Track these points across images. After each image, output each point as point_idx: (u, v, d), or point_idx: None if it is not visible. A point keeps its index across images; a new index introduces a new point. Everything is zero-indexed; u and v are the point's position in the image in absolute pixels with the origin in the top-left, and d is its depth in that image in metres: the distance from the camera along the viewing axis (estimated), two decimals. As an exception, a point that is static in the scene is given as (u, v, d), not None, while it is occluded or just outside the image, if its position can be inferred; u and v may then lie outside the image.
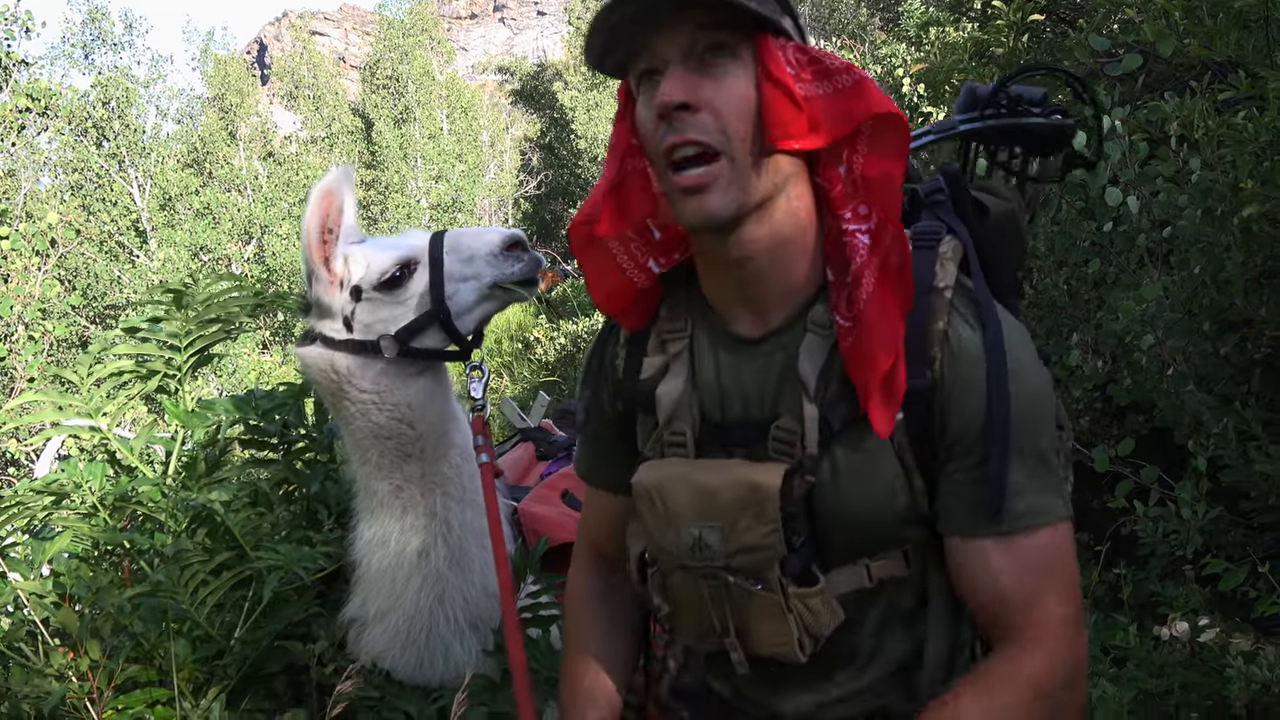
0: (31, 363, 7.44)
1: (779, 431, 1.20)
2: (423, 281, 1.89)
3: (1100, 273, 3.37)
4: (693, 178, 1.11)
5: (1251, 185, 2.54)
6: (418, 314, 1.88)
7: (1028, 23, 4.68)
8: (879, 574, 1.22)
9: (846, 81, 1.14)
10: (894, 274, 1.14)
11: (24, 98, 9.49)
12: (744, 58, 1.13)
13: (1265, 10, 2.84)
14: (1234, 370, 2.85)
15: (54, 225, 8.78)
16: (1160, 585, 2.87)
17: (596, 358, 1.41)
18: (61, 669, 1.94)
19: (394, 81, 23.60)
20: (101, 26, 16.26)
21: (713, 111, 1.11)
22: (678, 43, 1.11)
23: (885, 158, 1.15)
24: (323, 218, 1.86)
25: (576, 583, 1.52)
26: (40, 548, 2.09)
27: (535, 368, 11.81)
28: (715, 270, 1.23)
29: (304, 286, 1.95)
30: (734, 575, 1.20)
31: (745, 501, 1.17)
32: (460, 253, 1.92)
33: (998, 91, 1.49)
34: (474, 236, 1.96)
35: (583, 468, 1.50)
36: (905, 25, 8.78)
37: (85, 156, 15.10)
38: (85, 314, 13.06)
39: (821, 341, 1.18)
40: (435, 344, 1.91)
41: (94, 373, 2.30)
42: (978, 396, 1.13)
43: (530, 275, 1.95)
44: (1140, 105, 3.24)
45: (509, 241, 1.94)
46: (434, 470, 1.94)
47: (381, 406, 1.89)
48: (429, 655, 1.96)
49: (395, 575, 1.93)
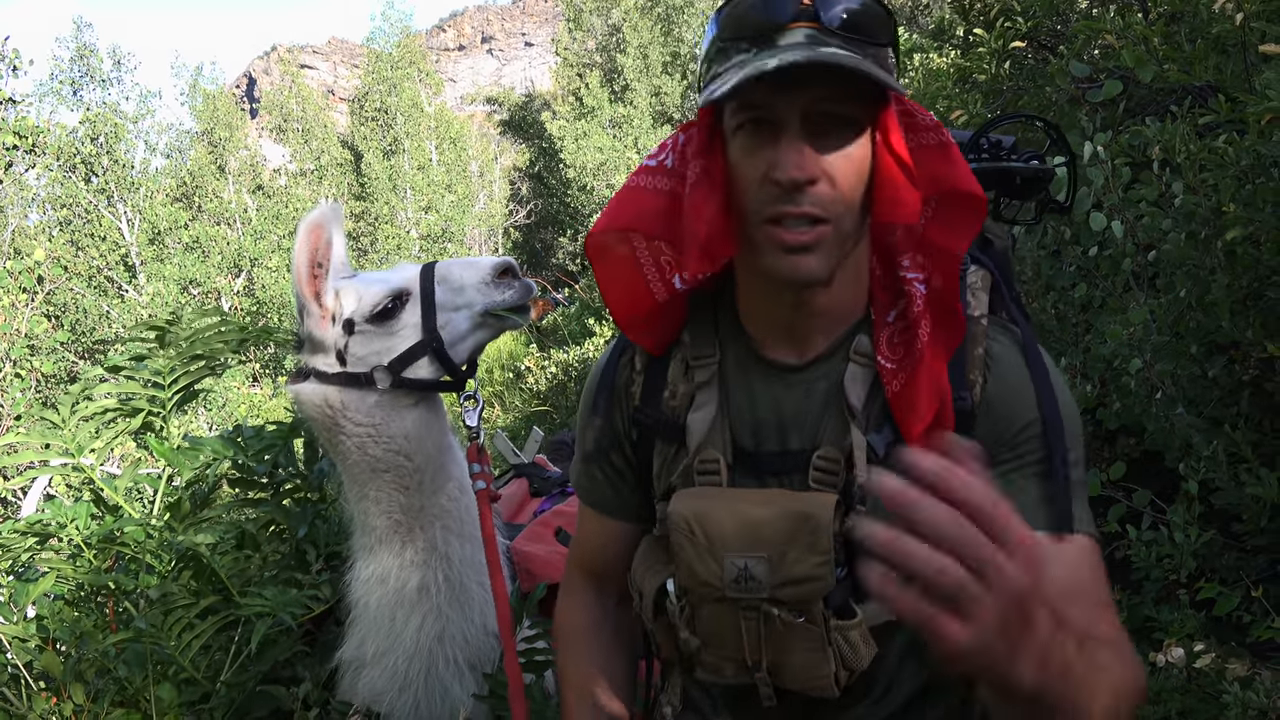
0: (19, 400, 7.39)
1: (822, 461, 1.19)
2: (415, 312, 1.89)
3: (1087, 297, 3.38)
4: (799, 238, 1.09)
5: (1234, 208, 2.56)
6: (411, 344, 1.88)
7: (1009, 50, 4.73)
8: None
9: (932, 140, 1.14)
10: (947, 320, 1.15)
11: (11, 135, 9.49)
12: (865, 124, 1.11)
13: (1242, 36, 2.87)
14: (1222, 392, 2.85)
15: (41, 262, 8.76)
16: (1155, 610, 2.85)
17: (607, 384, 1.39)
18: (45, 714, 1.90)
19: (383, 114, 23.70)
20: (90, 63, 16.30)
21: (830, 182, 1.09)
22: (799, 105, 1.08)
23: (955, 233, 1.15)
24: (311, 252, 1.86)
25: (571, 612, 1.50)
26: (24, 590, 2.06)
27: (527, 397, 11.78)
28: (767, 301, 1.23)
29: (295, 322, 1.94)
30: (778, 607, 1.18)
31: (796, 532, 1.15)
32: (451, 282, 1.92)
33: (978, 138, 1.51)
34: (464, 266, 1.96)
35: (588, 494, 1.47)
36: (889, 53, 8.86)
37: (74, 192, 15.10)
38: (74, 349, 13.00)
39: (865, 372, 1.19)
40: (429, 375, 1.90)
41: (77, 411, 2.28)
42: (1028, 401, 1.15)
43: (521, 302, 1.95)
44: (1122, 130, 3.27)
45: (499, 269, 1.94)
46: (432, 503, 1.93)
47: (378, 439, 1.88)
48: (426, 697, 1.93)
49: (395, 613, 1.91)
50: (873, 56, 1.09)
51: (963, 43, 5.82)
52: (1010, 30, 4.72)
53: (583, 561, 1.51)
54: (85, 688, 1.90)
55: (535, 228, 24.45)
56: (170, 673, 1.95)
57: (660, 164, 1.27)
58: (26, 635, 2.02)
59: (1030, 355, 1.18)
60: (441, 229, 22.18)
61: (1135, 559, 2.77)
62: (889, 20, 1.11)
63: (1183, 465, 2.77)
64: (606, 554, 1.45)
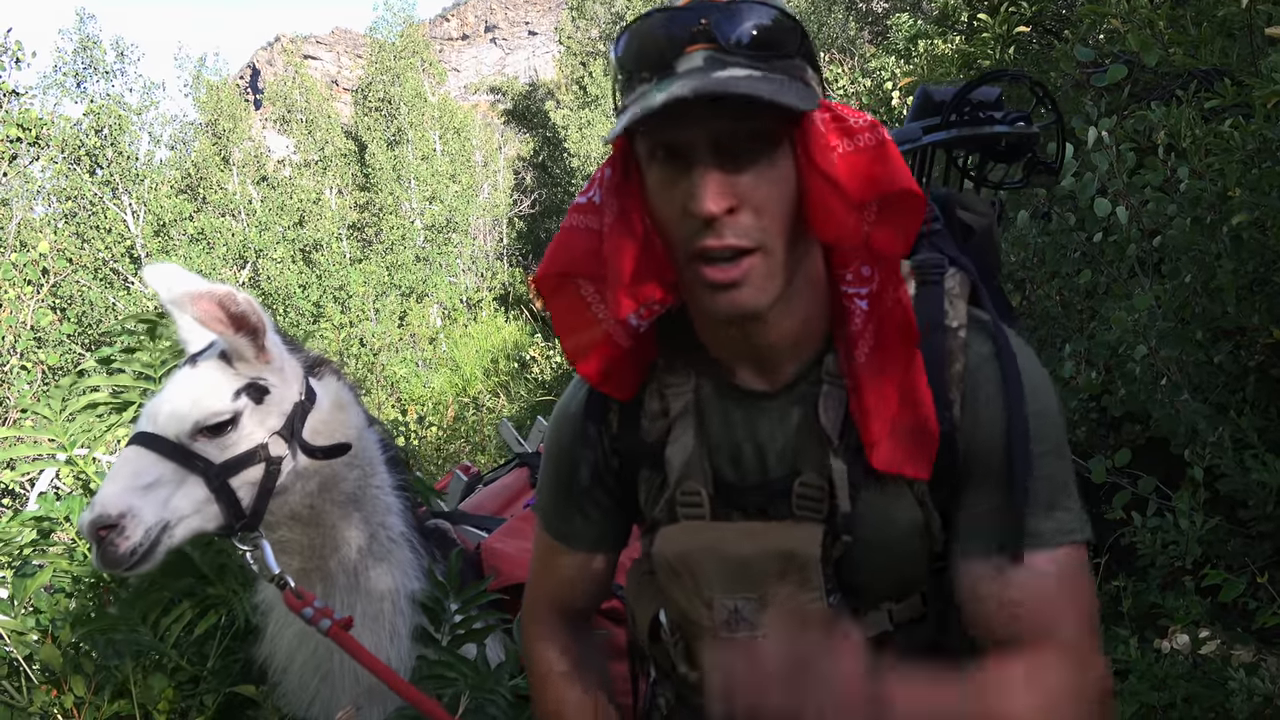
0: (25, 392, 7.41)
1: (803, 489, 1.15)
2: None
3: (1092, 283, 3.36)
4: (726, 274, 1.02)
5: (1240, 193, 2.53)
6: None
7: (1014, 35, 4.70)
8: (899, 617, 1.19)
9: (869, 140, 1.06)
10: (894, 333, 1.09)
11: (15, 128, 9.49)
12: (783, 141, 1.03)
13: (1249, 18, 2.84)
14: (1228, 378, 2.83)
15: (45, 254, 8.77)
16: (1161, 597, 2.84)
17: (592, 422, 1.29)
18: (45, 706, 1.91)
19: (386, 104, 23.64)
20: (93, 55, 16.27)
21: (753, 209, 1.01)
22: (710, 129, 1.00)
23: (896, 235, 1.08)
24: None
25: (549, 652, 1.41)
26: (22, 584, 2.06)
27: (532, 387, 11.80)
28: (719, 334, 1.17)
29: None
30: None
31: (785, 571, 1.12)
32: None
33: (959, 98, 1.44)
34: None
35: (559, 529, 1.38)
36: (894, 38, 8.82)
37: (78, 184, 15.10)
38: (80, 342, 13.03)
39: (839, 392, 1.13)
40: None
41: (68, 405, 2.28)
42: (1000, 426, 1.10)
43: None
44: (1127, 115, 3.24)
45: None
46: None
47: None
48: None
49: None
50: (782, 70, 1.02)
51: (967, 28, 5.78)
52: (1015, 15, 4.69)
53: (552, 594, 1.42)
54: (85, 680, 1.90)
55: (540, 217, 24.39)
56: (161, 661, 1.96)
57: (590, 201, 1.19)
58: (25, 629, 2.02)
59: (1004, 361, 1.11)
60: (446, 219, 22.13)
61: (1140, 545, 2.76)
62: (795, 30, 1.03)
63: (1188, 451, 2.75)
64: (576, 587, 1.39)
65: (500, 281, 23.02)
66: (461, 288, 21.43)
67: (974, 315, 1.16)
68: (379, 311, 17.50)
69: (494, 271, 23.75)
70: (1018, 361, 1.11)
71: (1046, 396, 1.13)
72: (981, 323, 1.15)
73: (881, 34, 11.76)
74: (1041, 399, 1.12)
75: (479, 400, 11.67)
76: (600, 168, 1.20)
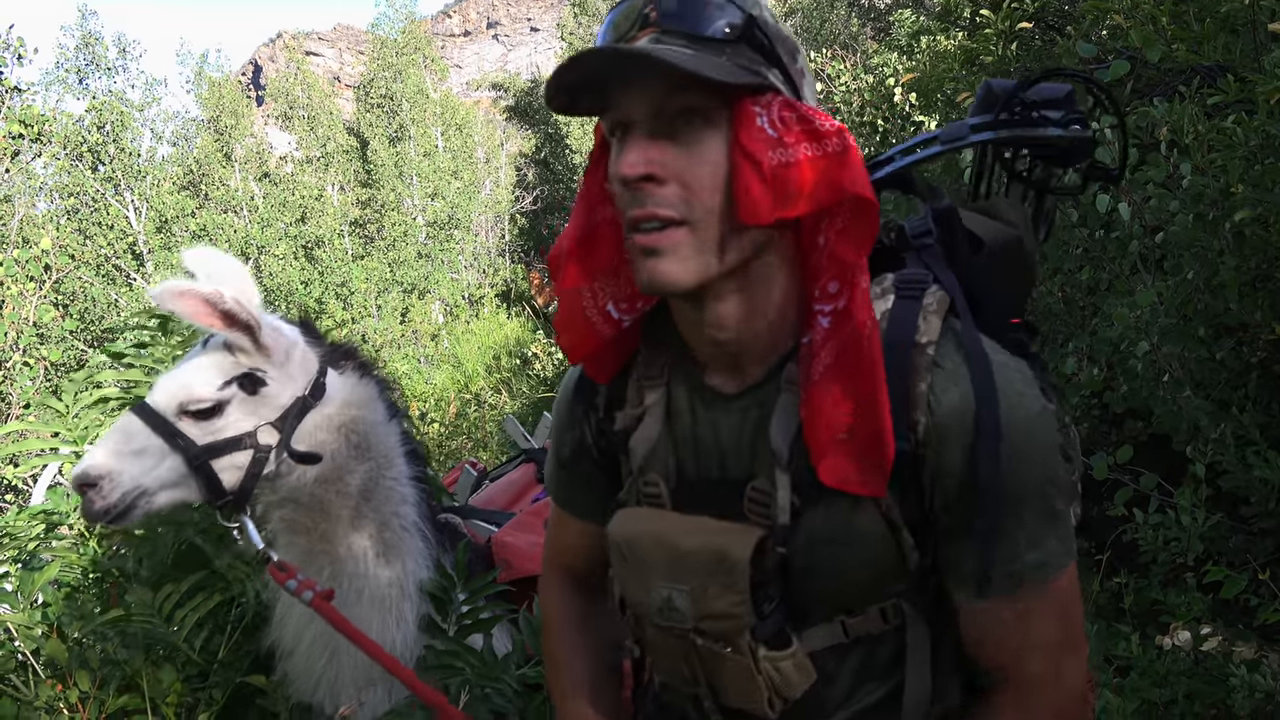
0: (27, 388, 7.42)
1: (754, 493, 1.14)
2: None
3: (1094, 280, 3.36)
4: (647, 239, 1.04)
5: (1242, 189, 2.54)
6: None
7: (1016, 31, 4.70)
8: (856, 631, 1.17)
9: (836, 146, 1.05)
10: (854, 349, 1.06)
11: (17, 124, 9.50)
12: (719, 122, 1.04)
13: (1252, 14, 2.84)
14: (1230, 375, 2.83)
15: (48, 250, 8.78)
16: (1162, 593, 2.84)
17: (580, 401, 1.34)
18: (51, 701, 1.91)
19: (388, 100, 23.61)
20: (95, 51, 16.26)
21: (680, 183, 1.03)
22: (646, 100, 1.03)
23: (851, 244, 1.07)
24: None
25: (555, 608, 1.49)
26: (29, 578, 2.07)
27: (534, 383, 11.81)
28: (688, 329, 1.18)
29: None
30: (702, 638, 1.17)
31: (714, 569, 1.13)
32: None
33: (1015, 95, 1.36)
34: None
35: (559, 495, 1.46)
36: (896, 35, 8.82)
37: (81, 180, 15.10)
38: (82, 338, 13.04)
39: (795, 401, 1.12)
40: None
41: (80, 400, 2.29)
42: (968, 463, 1.05)
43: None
44: (1129, 111, 3.24)
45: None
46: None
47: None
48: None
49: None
50: (728, 55, 1.03)
51: (970, 24, 5.78)
52: (1017, 11, 4.69)
53: (560, 557, 1.50)
54: (91, 675, 1.91)
55: (542, 214, 24.39)
56: (169, 654, 1.97)
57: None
58: (32, 623, 2.03)
59: (982, 401, 1.04)
60: (448, 216, 22.12)
61: (1142, 542, 2.77)
62: (747, 21, 1.04)
63: (1190, 448, 2.76)
64: (584, 552, 1.44)
65: (502, 278, 23.04)
66: (463, 284, 21.44)
67: (951, 328, 1.12)
68: (381, 308, 17.51)
69: (496, 268, 23.75)
70: (995, 383, 1.05)
71: (1028, 419, 1.06)
72: (955, 338, 1.10)
73: (884, 30, 11.76)
74: (1020, 427, 1.04)
75: (481, 397, 11.69)
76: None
